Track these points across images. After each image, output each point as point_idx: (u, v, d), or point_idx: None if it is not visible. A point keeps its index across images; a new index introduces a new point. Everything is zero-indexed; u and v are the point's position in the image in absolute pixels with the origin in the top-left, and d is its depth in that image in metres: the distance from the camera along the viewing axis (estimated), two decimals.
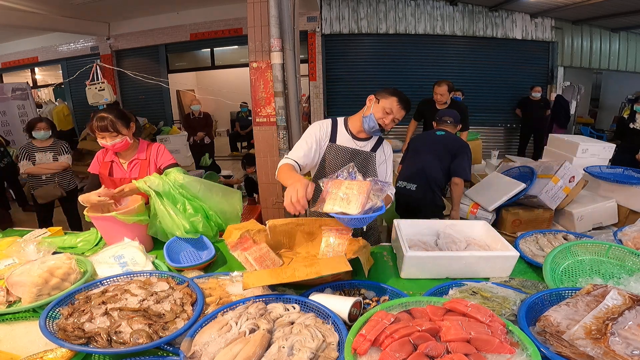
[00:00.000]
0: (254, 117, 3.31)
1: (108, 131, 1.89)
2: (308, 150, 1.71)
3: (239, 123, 8.40)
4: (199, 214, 1.76)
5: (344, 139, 1.78)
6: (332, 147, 1.77)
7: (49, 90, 9.42)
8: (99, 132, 1.91)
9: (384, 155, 1.85)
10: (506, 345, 0.86)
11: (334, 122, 1.81)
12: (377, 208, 1.25)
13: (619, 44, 7.37)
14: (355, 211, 1.18)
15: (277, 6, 2.77)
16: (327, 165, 1.79)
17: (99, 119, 1.90)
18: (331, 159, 1.77)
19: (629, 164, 3.34)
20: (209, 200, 1.83)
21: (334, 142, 1.77)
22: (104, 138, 1.92)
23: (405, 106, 1.67)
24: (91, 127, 1.95)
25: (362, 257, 1.40)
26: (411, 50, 6.94)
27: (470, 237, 1.67)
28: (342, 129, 1.80)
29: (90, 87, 5.32)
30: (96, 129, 1.90)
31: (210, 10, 6.87)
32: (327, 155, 1.78)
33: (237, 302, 1.18)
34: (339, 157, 1.76)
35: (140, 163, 2.05)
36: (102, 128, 1.88)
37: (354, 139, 1.78)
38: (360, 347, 0.88)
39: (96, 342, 1.01)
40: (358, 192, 1.21)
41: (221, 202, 1.88)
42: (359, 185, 1.23)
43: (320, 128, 1.77)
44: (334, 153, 1.77)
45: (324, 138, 1.77)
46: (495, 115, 7.23)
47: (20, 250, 1.50)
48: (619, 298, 0.98)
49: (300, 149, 1.72)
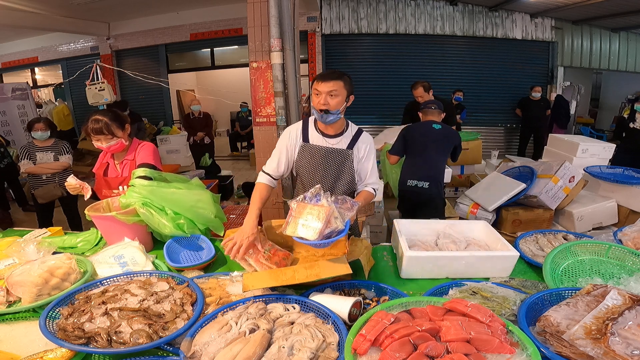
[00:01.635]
0: (254, 117, 3.31)
1: (103, 134, 1.90)
2: (278, 161, 1.75)
3: (239, 123, 8.41)
4: (181, 216, 1.73)
5: (315, 139, 1.73)
6: (306, 147, 1.73)
7: (49, 90, 9.42)
8: (94, 135, 1.92)
9: (363, 151, 1.75)
10: (506, 345, 0.86)
11: (304, 122, 1.77)
12: (338, 231, 1.27)
13: (619, 44, 7.37)
14: (313, 237, 1.22)
15: (277, 6, 2.77)
16: (302, 166, 1.76)
17: (93, 121, 1.90)
18: (306, 160, 1.73)
19: (629, 164, 3.33)
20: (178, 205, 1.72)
21: (307, 141, 1.74)
22: (99, 140, 1.93)
23: (323, 76, 1.61)
24: (86, 130, 1.95)
25: (363, 258, 1.40)
26: (411, 50, 6.93)
27: (470, 237, 1.67)
28: (312, 128, 1.75)
29: (90, 87, 5.32)
30: (91, 131, 1.91)
31: (210, 10, 6.87)
32: (301, 156, 1.74)
33: (237, 302, 1.18)
34: (313, 156, 1.72)
35: (129, 163, 2.06)
36: (97, 131, 1.89)
37: (324, 137, 1.73)
38: (360, 347, 0.88)
39: (96, 342, 1.01)
40: (318, 218, 1.24)
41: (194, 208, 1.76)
42: (319, 211, 1.26)
43: (289, 135, 1.76)
44: (307, 153, 1.73)
45: (293, 143, 1.75)
46: (495, 115, 7.23)
47: (20, 250, 1.50)
48: (619, 298, 0.98)
49: (273, 161, 1.76)
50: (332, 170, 1.74)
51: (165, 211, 1.70)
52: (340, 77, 1.61)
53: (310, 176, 1.76)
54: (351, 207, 1.34)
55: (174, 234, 1.71)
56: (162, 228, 1.68)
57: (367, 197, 1.73)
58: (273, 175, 1.75)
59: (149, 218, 1.66)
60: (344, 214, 1.32)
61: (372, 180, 1.79)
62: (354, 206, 1.35)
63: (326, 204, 1.28)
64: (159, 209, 1.69)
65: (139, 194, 1.67)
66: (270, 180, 1.74)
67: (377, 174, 1.82)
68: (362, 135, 1.76)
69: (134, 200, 1.66)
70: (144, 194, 1.67)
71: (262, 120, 3.29)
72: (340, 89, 1.60)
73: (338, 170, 1.74)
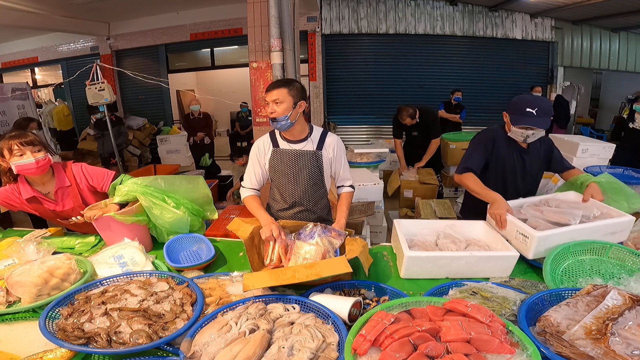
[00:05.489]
0: (254, 117, 3.31)
1: (33, 145, 1.60)
2: (254, 174, 1.83)
3: (239, 123, 8.39)
4: (180, 205, 1.78)
5: (283, 145, 1.81)
6: (277, 152, 1.80)
7: (49, 90, 9.42)
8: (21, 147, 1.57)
9: (332, 151, 1.80)
10: (506, 346, 0.86)
11: (271, 133, 1.85)
12: None
13: (619, 44, 7.38)
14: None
15: (277, 6, 2.77)
16: (275, 171, 1.82)
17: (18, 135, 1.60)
18: (278, 163, 1.80)
19: (628, 163, 3.33)
20: (177, 192, 1.81)
21: (277, 147, 1.80)
22: (22, 155, 1.58)
23: (269, 86, 1.68)
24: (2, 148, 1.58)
25: (362, 256, 1.40)
26: (411, 50, 6.94)
27: (470, 237, 1.67)
28: (279, 137, 1.82)
29: (90, 87, 5.30)
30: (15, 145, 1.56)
31: (210, 10, 6.88)
32: (273, 161, 1.81)
33: (237, 302, 1.18)
34: (284, 160, 1.79)
35: (66, 191, 1.77)
36: (28, 142, 1.58)
37: (289, 143, 1.79)
38: (360, 347, 0.88)
39: (96, 342, 1.01)
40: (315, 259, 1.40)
41: (189, 190, 1.86)
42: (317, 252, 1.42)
43: (257, 148, 1.82)
44: (279, 157, 1.79)
45: (262, 153, 1.82)
46: (495, 115, 7.22)
47: (20, 250, 1.50)
48: (619, 298, 0.98)
49: (249, 175, 1.84)
50: (304, 172, 1.79)
51: (165, 201, 1.73)
52: (284, 85, 1.66)
53: (284, 179, 1.82)
54: (338, 235, 1.55)
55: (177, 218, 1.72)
56: (164, 214, 1.70)
57: (349, 199, 1.86)
58: (254, 187, 1.85)
59: (150, 207, 1.68)
60: (333, 242, 1.51)
61: (347, 177, 1.89)
62: (341, 235, 1.55)
63: (320, 242, 1.47)
64: (160, 199, 1.72)
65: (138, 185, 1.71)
66: (254, 191, 1.84)
67: (349, 171, 1.91)
68: (327, 136, 1.82)
69: (134, 189, 1.69)
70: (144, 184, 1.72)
71: (262, 120, 3.29)
72: (284, 95, 1.63)
73: (310, 172, 1.80)
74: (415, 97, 6.93)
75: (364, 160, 3.95)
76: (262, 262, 1.54)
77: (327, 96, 7.11)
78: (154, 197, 1.72)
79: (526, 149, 1.93)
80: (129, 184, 1.73)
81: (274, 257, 1.49)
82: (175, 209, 1.74)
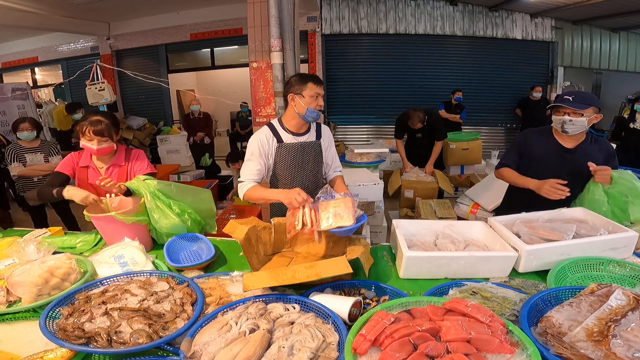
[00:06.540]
0: (254, 117, 3.31)
1: (102, 135, 1.86)
2: (258, 167, 1.82)
3: (239, 123, 8.39)
4: (185, 212, 1.80)
5: (288, 139, 1.87)
6: (282, 147, 1.85)
7: (49, 90, 9.41)
8: (92, 135, 1.85)
9: (327, 140, 2.00)
10: (506, 345, 0.86)
11: (270, 127, 1.87)
12: (360, 216, 1.47)
13: (619, 44, 7.37)
14: (351, 222, 1.39)
15: (277, 6, 2.77)
16: (282, 166, 1.87)
17: (95, 122, 1.85)
18: (284, 157, 1.86)
19: (628, 163, 3.33)
20: (185, 200, 1.84)
21: (281, 142, 1.85)
22: (91, 141, 1.87)
23: (318, 80, 1.80)
24: (80, 127, 1.87)
25: (362, 257, 1.40)
26: (411, 50, 6.93)
27: (469, 238, 1.67)
28: (282, 130, 1.87)
29: (90, 87, 5.31)
30: (88, 131, 1.84)
31: (210, 10, 6.87)
32: (279, 156, 1.86)
33: (237, 302, 1.18)
34: (291, 154, 1.86)
35: (119, 169, 2.00)
36: (97, 132, 1.85)
37: (295, 136, 1.87)
38: (360, 347, 0.88)
39: (96, 342, 1.01)
40: (346, 207, 1.41)
41: (195, 201, 1.89)
42: (345, 202, 1.43)
43: (259, 141, 1.83)
44: (285, 151, 1.86)
45: (269, 145, 1.84)
46: (496, 115, 7.23)
47: (20, 250, 1.50)
48: (623, 298, 0.97)
49: (252, 169, 1.82)
50: (310, 163, 1.90)
51: (171, 207, 1.75)
52: None
53: (292, 173, 1.88)
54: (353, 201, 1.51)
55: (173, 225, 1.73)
56: (163, 219, 1.71)
57: (343, 180, 2.03)
58: (255, 180, 1.83)
59: (152, 209, 1.70)
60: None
61: (338, 164, 2.07)
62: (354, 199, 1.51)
63: (343, 196, 1.47)
64: (166, 204, 1.74)
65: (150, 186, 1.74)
66: (255, 182, 1.83)
67: (338, 158, 2.08)
68: (322, 126, 2.00)
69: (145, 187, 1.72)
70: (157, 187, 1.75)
71: (262, 120, 3.29)
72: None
73: (315, 162, 1.91)
74: (415, 97, 6.93)
75: (364, 160, 3.95)
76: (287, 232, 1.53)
77: (327, 96, 7.09)
78: (160, 200, 1.73)
79: (572, 150, 1.91)
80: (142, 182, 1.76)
81: (307, 219, 1.46)
82: (178, 215, 1.75)
